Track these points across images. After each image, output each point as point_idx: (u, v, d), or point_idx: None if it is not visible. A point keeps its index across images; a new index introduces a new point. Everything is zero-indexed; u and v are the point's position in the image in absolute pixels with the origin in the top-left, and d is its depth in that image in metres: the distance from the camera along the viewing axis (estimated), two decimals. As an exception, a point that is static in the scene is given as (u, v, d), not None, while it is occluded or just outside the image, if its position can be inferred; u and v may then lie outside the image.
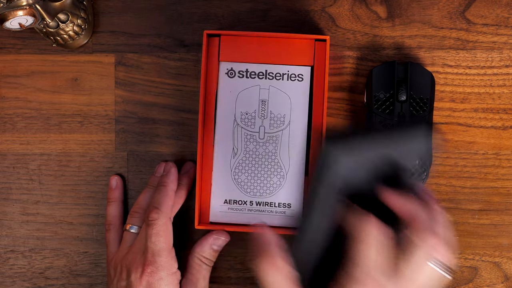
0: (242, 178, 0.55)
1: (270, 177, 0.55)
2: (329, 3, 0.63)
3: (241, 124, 0.54)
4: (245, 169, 0.55)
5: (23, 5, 0.54)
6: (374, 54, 0.63)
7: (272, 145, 0.54)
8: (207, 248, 0.57)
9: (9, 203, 0.63)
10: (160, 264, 0.53)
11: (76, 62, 0.63)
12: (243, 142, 0.54)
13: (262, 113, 0.54)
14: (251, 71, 0.54)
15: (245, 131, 0.54)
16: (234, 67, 0.54)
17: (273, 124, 0.54)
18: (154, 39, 0.63)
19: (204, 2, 0.63)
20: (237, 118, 0.55)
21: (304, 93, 0.54)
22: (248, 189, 0.55)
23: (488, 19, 0.62)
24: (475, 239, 0.62)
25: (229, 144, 0.55)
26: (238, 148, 0.55)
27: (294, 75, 0.54)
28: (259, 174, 0.55)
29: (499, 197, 0.62)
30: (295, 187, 0.55)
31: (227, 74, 0.54)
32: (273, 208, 0.55)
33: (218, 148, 0.55)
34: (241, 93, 0.55)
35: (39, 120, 0.63)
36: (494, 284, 0.62)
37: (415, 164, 0.52)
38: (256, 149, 0.54)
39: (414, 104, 0.58)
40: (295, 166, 0.54)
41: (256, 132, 0.54)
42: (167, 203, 0.55)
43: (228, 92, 0.55)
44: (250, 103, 0.54)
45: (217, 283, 0.63)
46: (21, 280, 0.63)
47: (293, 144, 0.54)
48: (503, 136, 0.62)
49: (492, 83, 0.62)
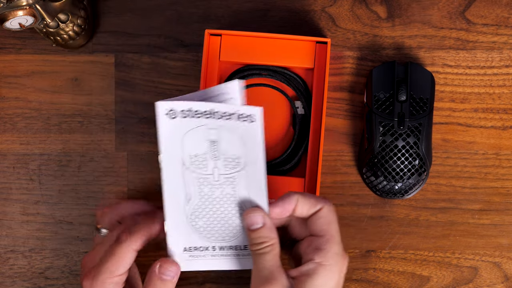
0: (200, 224, 0.49)
1: (232, 219, 0.49)
2: (329, 3, 0.63)
3: (191, 168, 0.48)
4: (203, 214, 0.49)
5: (23, 5, 0.54)
6: (374, 54, 0.63)
7: (229, 187, 0.48)
8: (156, 279, 0.48)
9: (9, 203, 0.63)
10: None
11: (76, 62, 0.63)
12: (197, 187, 0.48)
13: (214, 154, 0.48)
14: (195, 110, 0.46)
15: (197, 175, 0.48)
16: (175, 107, 0.46)
17: (228, 165, 0.48)
18: (154, 39, 0.63)
19: (204, 2, 0.63)
20: (186, 161, 0.48)
21: (257, 135, 0.47)
22: (208, 234, 0.49)
23: (488, 19, 0.62)
24: (475, 239, 0.62)
25: (181, 191, 0.48)
26: (192, 194, 0.48)
27: (244, 115, 0.46)
28: (219, 218, 0.49)
29: (499, 197, 0.62)
30: None
31: (168, 115, 0.46)
32: (239, 251, 0.50)
33: (168, 197, 0.48)
34: (187, 135, 0.47)
35: (39, 120, 0.63)
36: (494, 284, 0.62)
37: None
38: (212, 192, 0.48)
39: (414, 104, 0.58)
40: (257, 205, 0.48)
41: (210, 174, 0.48)
42: (141, 232, 0.49)
43: (171, 135, 0.47)
44: (198, 144, 0.47)
45: (217, 283, 0.63)
46: (21, 280, 0.63)
47: (252, 185, 0.48)
48: (503, 136, 0.62)
49: (492, 83, 0.62)
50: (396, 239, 0.62)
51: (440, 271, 0.62)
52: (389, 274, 0.62)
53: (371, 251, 0.62)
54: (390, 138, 0.58)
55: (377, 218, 0.62)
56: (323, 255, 0.46)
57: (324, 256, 0.46)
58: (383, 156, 0.58)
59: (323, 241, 0.47)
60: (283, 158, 0.61)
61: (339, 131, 0.63)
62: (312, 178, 0.59)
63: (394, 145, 0.58)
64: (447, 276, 0.62)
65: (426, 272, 0.62)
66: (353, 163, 0.63)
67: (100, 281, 0.49)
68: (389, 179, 0.59)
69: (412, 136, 0.58)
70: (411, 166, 0.58)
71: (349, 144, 0.63)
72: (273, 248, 0.47)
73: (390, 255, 0.62)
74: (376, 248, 0.62)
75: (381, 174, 0.59)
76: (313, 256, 0.46)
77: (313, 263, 0.46)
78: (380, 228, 0.62)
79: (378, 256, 0.62)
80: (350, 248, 0.62)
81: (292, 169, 0.61)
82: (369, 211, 0.62)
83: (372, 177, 0.60)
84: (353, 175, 0.62)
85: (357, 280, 0.62)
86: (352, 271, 0.62)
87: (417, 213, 0.62)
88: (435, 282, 0.62)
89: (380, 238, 0.62)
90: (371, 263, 0.62)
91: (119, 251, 0.48)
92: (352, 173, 0.62)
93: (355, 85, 0.63)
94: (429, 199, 0.62)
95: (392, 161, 0.58)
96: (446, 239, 0.62)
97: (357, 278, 0.62)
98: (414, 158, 0.58)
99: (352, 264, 0.62)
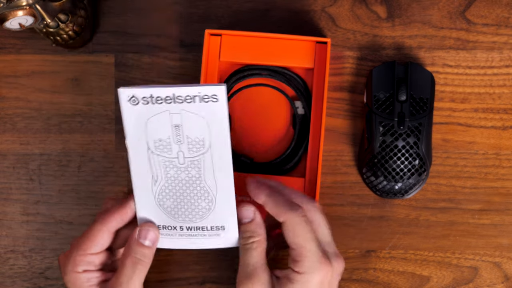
0: (168, 204, 0.50)
1: (198, 202, 0.50)
2: (329, 3, 0.63)
3: (156, 152, 0.49)
4: (170, 194, 0.50)
5: (23, 5, 0.54)
6: (374, 54, 0.63)
7: (194, 170, 0.49)
8: (134, 245, 0.49)
9: (9, 203, 0.63)
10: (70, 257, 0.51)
11: (76, 62, 0.63)
12: (163, 169, 0.49)
13: (178, 139, 0.48)
14: (156, 96, 0.47)
15: (163, 158, 0.49)
16: (136, 94, 0.47)
17: (192, 149, 0.48)
18: (154, 39, 0.63)
19: (204, 2, 0.63)
20: (151, 146, 0.49)
21: (222, 114, 0.47)
22: (176, 215, 0.50)
23: (488, 19, 0.62)
24: (475, 239, 0.62)
25: (148, 173, 0.49)
26: (158, 176, 0.49)
27: (207, 96, 0.46)
28: (185, 200, 0.50)
29: (499, 197, 0.62)
30: (226, 209, 0.50)
31: (129, 101, 0.47)
32: (206, 232, 0.51)
33: (136, 179, 0.49)
34: (150, 120, 0.48)
35: (39, 120, 0.63)
36: (494, 284, 0.62)
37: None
38: (177, 174, 0.49)
39: (414, 104, 0.58)
40: (224, 188, 0.49)
41: (175, 158, 0.49)
42: (113, 214, 0.51)
43: (134, 121, 0.48)
44: (162, 130, 0.48)
45: (217, 283, 0.63)
46: (21, 280, 0.63)
47: (218, 166, 0.49)
48: (503, 136, 0.62)
49: (492, 83, 0.62)
50: (396, 239, 0.62)
51: (440, 271, 0.62)
52: (389, 274, 0.62)
53: (371, 251, 0.62)
54: (390, 138, 0.58)
55: (377, 218, 0.62)
56: (299, 265, 0.47)
57: (301, 267, 0.47)
58: (383, 156, 0.58)
59: (296, 253, 0.48)
60: (283, 158, 0.61)
61: (339, 131, 0.63)
62: (312, 178, 0.59)
63: (394, 145, 0.58)
64: (447, 276, 0.62)
65: (426, 272, 0.62)
66: (353, 163, 0.63)
67: (72, 257, 0.50)
68: (389, 179, 0.59)
69: (412, 136, 0.58)
70: (411, 166, 0.58)
71: (349, 144, 0.63)
72: (259, 245, 0.49)
73: (390, 255, 0.62)
74: (376, 248, 0.62)
75: (381, 174, 0.59)
76: (291, 265, 0.48)
77: (291, 270, 0.48)
78: (380, 228, 0.62)
79: (378, 256, 0.62)
80: (350, 248, 0.62)
81: (292, 169, 0.61)
82: (369, 211, 0.62)
83: (372, 177, 0.60)
84: (353, 175, 0.62)
85: (357, 280, 0.62)
86: (352, 271, 0.62)
87: (417, 213, 0.62)
88: (435, 282, 0.62)
89: (380, 238, 0.62)
90: (371, 263, 0.62)
91: (91, 230, 0.50)
92: (352, 173, 0.62)
93: (355, 85, 0.63)
94: (429, 199, 0.62)
95: (392, 161, 0.58)
96: (446, 239, 0.62)
97: (357, 278, 0.62)
98: (414, 158, 0.58)
99: (352, 264, 0.62)
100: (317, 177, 0.58)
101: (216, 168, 0.49)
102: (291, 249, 0.48)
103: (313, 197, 0.59)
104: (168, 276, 0.63)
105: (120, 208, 0.50)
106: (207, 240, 0.51)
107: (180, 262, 0.63)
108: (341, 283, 0.62)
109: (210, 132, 0.48)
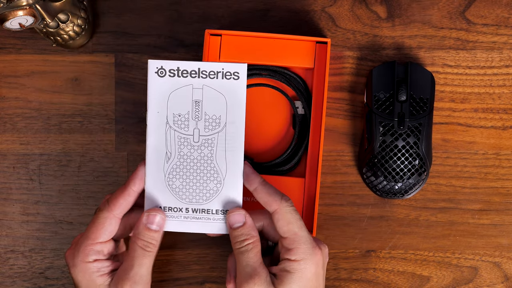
0: (177, 184, 0.51)
1: (206, 182, 0.51)
2: (329, 3, 0.63)
3: (174, 127, 0.51)
4: (180, 174, 0.51)
5: (23, 5, 0.54)
6: (374, 54, 0.63)
7: (207, 149, 0.51)
8: (142, 229, 0.51)
9: (9, 203, 0.63)
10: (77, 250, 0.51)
11: (76, 62, 0.63)
12: (177, 146, 0.51)
13: (196, 115, 0.51)
14: (182, 70, 0.50)
15: (179, 134, 0.51)
16: (165, 65, 0.50)
17: (208, 126, 0.51)
18: (154, 39, 0.63)
19: (204, 2, 0.63)
20: (170, 120, 0.51)
21: (241, 92, 0.50)
22: (183, 196, 0.51)
23: (488, 19, 0.62)
24: (475, 239, 0.62)
25: (162, 149, 0.51)
26: (171, 152, 0.51)
27: (229, 73, 0.50)
28: (195, 180, 0.51)
29: (499, 197, 0.62)
30: (233, 193, 0.51)
31: (157, 73, 0.50)
32: (210, 215, 0.52)
33: (151, 153, 0.51)
34: (173, 93, 0.51)
35: (39, 120, 0.63)
36: (494, 284, 0.62)
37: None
38: (190, 153, 0.51)
39: (414, 104, 0.58)
40: (233, 171, 0.51)
41: (190, 135, 0.51)
42: (116, 199, 0.51)
43: (159, 93, 0.51)
44: (183, 104, 0.51)
45: (217, 283, 0.63)
46: (21, 280, 0.63)
47: (230, 147, 0.51)
48: (503, 136, 0.62)
49: (492, 83, 0.62)
50: (396, 239, 0.62)
51: (440, 271, 0.62)
52: (389, 274, 0.62)
53: (371, 251, 0.62)
54: (390, 138, 0.58)
55: (377, 218, 0.62)
56: (293, 253, 0.49)
57: (295, 254, 0.49)
58: (383, 156, 0.58)
59: (289, 241, 0.49)
60: (283, 158, 0.61)
61: (339, 131, 0.63)
62: (312, 178, 0.59)
63: (394, 145, 0.58)
64: (447, 276, 0.62)
65: (426, 272, 0.62)
66: (353, 163, 0.63)
67: (82, 249, 0.50)
68: (389, 179, 0.59)
69: (412, 136, 0.58)
70: (411, 166, 0.58)
71: (349, 144, 0.63)
72: (254, 246, 0.50)
73: (390, 255, 0.62)
74: (376, 248, 0.62)
75: (381, 174, 0.59)
76: (286, 255, 0.49)
77: (287, 261, 0.49)
78: (380, 228, 0.62)
79: (378, 256, 0.62)
80: (350, 248, 0.62)
81: (292, 169, 0.61)
82: (369, 211, 0.62)
83: (372, 177, 0.60)
84: (353, 175, 0.62)
85: (357, 280, 0.62)
86: (352, 271, 0.62)
87: (417, 213, 0.62)
88: (435, 282, 0.62)
89: (380, 238, 0.62)
90: (371, 263, 0.62)
91: (98, 218, 0.51)
92: (352, 173, 0.62)
93: (355, 85, 0.63)
94: (429, 199, 0.62)
95: (392, 161, 0.58)
96: (446, 239, 0.62)
97: (357, 278, 0.62)
98: (414, 158, 0.58)
99: (352, 264, 0.62)
100: (317, 177, 0.58)
101: (228, 148, 0.51)
102: (284, 239, 0.49)
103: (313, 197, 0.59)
104: (168, 276, 0.63)
105: (123, 192, 0.51)
106: (211, 224, 0.52)
107: (180, 262, 0.63)
108: (341, 283, 0.62)
109: (227, 110, 0.50)
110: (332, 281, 0.62)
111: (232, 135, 0.51)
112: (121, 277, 0.50)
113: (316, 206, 0.58)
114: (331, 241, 0.62)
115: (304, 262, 0.48)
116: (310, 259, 0.49)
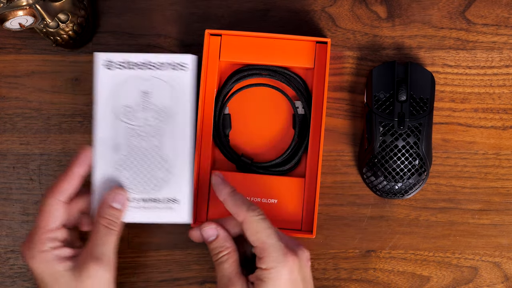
0: (126, 175, 0.53)
1: (155, 171, 0.53)
2: (329, 3, 0.63)
3: (123, 119, 0.52)
4: (129, 165, 0.53)
5: (23, 5, 0.54)
6: (374, 54, 0.63)
7: (156, 138, 0.52)
8: (106, 208, 0.52)
9: (9, 203, 0.63)
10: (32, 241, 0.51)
11: (76, 62, 0.63)
12: (126, 137, 0.52)
13: (144, 106, 0.52)
14: (130, 62, 0.51)
15: (128, 126, 0.52)
16: (112, 58, 0.51)
17: (157, 117, 0.52)
18: (154, 39, 0.63)
19: (204, 2, 0.63)
20: (119, 113, 0.52)
21: (188, 83, 0.52)
22: (133, 186, 0.53)
23: (488, 19, 0.62)
24: (475, 239, 0.62)
25: (111, 141, 0.52)
26: (120, 144, 0.52)
27: (177, 64, 0.52)
28: (144, 170, 0.53)
29: (499, 197, 0.62)
30: (181, 182, 0.53)
31: (105, 66, 0.52)
32: (159, 204, 0.53)
33: (99, 146, 0.53)
34: (121, 86, 0.52)
35: (39, 120, 0.63)
36: (494, 284, 0.62)
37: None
38: (139, 144, 0.52)
39: (414, 104, 0.58)
40: (181, 160, 0.52)
41: (140, 126, 0.52)
42: (60, 184, 0.52)
43: (107, 85, 0.52)
44: (131, 96, 0.52)
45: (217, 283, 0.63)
46: (21, 280, 0.63)
47: (178, 137, 0.52)
48: (503, 136, 0.62)
49: (492, 83, 0.62)
50: (396, 239, 0.62)
51: (440, 271, 0.62)
52: (389, 274, 0.62)
53: (371, 251, 0.62)
54: (390, 138, 0.58)
55: (377, 218, 0.62)
56: (264, 262, 0.49)
57: (266, 263, 0.49)
58: (383, 156, 0.58)
59: (259, 250, 0.49)
60: (283, 158, 0.61)
61: (339, 131, 0.63)
62: (312, 178, 0.59)
63: (394, 145, 0.58)
64: (447, 276, 0.62)
65: (426, 272, 0.62)
66: (353, 163, 0.63)
67: (36, 239, 0.51)
68: (389, 179, 0.59)
69: (412, 136, 0.58)
70: (411, 166, 0.58)
71: (349, 144, 0.63)
72: (230, 257, 0.50)
73: (390, 255, 0.62)
74: (376, 248, 0.62)
75: (381, 174, 0.59)
76: (258, 264, 0.49)
77: (260, 270, 0.49)
78: (380, 228, 0.62)
79: (378, 256, 0.62)
80: (350, 248, 0.62)
81: (292, 169, 0.61)
82: (369, 211, 0.62)
83: (372, 177, 0.60)
84: (353, 175, 0.62)
85: (357, 280, 0.62)
86: (352, 271, 0.62)
87: (417, 213, 0.62)
88: (435, 282, 0.62)
89: (380, 238, 0.62)
90: (371, 263, 0.62)
91: (43, 206, 0.51)
92: (352, 173, 0.62)
93: (355, 85, 0.63)
94: (429, 199, 0.62)
95: (392, 161, 0.58)
96: (446, 239, 0.62)
97: (357, 278, 0.62)
98: (414, 158, 0.58)
99: (352, 264, 0.62)
100: (317, 177, 0.58)
101: (176, 137, 0.52)
102: (255, 248, 0.49)
103: (313, 197, 0.59)
104: (168, 276, 0.63)
105: (65, 176, 0.52)
106: (161, 213, 0.53)
107: (180, 262, 0.63)
108: (341, 283, 0.62)
109: (175, 101, 0.52)
110: (332, 281, 0.62)
111: (179, 125, 0.52)
112: (85, 258, 0.50)
113: (316, 206, 0.58)
114: (331, 241, 0.62)
115: (276, 270, 0.48)
116: (282, 266, 0.48)
